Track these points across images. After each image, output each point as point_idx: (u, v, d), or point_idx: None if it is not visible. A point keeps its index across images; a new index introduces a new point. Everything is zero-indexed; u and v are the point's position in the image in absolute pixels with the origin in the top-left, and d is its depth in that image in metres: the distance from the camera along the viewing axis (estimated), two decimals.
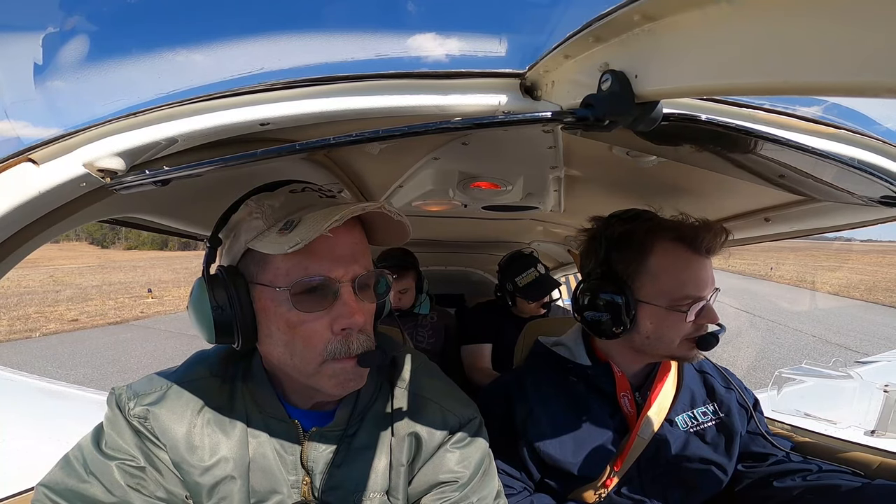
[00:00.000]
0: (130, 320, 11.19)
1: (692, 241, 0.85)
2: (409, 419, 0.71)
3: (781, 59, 0.31)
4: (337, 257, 0.61)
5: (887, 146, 0.68)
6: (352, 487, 0.68)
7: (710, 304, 0.87)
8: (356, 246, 0.64)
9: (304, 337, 0.61)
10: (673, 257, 0.86)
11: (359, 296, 0.63)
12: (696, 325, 0.86)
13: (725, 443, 0.94)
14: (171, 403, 0.67)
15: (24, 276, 20.03)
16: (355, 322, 0.61)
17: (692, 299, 0.85)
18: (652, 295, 0.87)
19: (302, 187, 0.66)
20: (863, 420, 1.32)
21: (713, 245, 0.86)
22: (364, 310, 0.64)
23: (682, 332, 0.87)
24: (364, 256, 0.65)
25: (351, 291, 0.62)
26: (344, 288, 0.61)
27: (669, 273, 0.86)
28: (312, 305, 0.60)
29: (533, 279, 2.03)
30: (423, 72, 0.56)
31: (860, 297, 15.79)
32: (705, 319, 0.86)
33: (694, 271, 0.86)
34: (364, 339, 0.63)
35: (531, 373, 1.03)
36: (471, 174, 1.22)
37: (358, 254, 0.63)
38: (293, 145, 0.50)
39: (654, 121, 0.48)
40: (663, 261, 0.87)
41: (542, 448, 0.91)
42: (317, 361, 0.61)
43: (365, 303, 0.64)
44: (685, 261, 0.86)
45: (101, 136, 0.54)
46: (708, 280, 0.87)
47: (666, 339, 0.88)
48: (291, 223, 0.59)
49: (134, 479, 0.63)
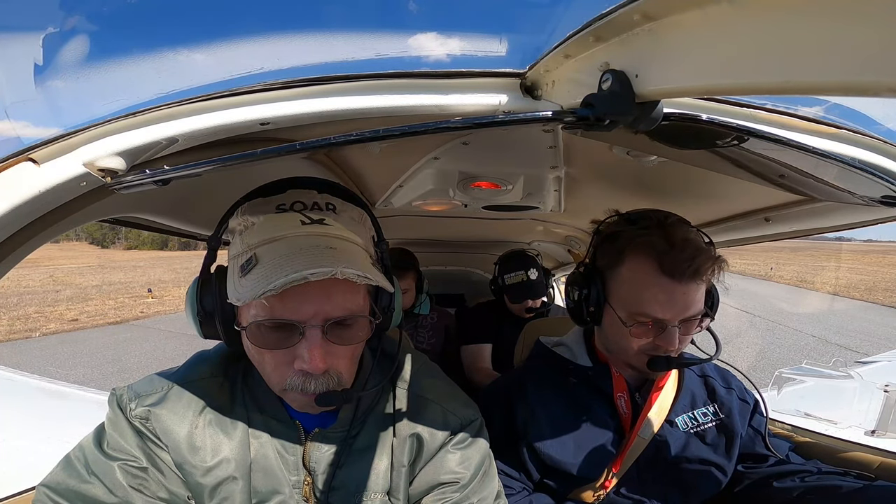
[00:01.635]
0: (130, 320, 11.18)
1: (662, 261, 0.81)
2: (410, 420, 0.71)
3: (782, 59, 0.31)
4: (306, 297, 0.56)
5: (888, 146, 0.68)
6: (353, 488, 0.68)
7: (671, 329, 0.82)
8: (334, 285, 0.56)
9: (269, 363, 0.60)
10: (641, 273, 0.84)
11: (331, 338, 0.58)
12: (653, 343, 0.85)
13: (725, 444, 0.94)
14: (173, 404, 0.67)
15: (24, 276, 20.03)
16: (315, 368, 0.57)
17: (649, 319, 0.83)
18: (615, 300, 0.88)
19: (292, 202, 0.62)
20: (863, 420, 1.32)
21: (685, 271, 0.80)
22: (334, 352, 0.60)
23: (635, 344, 0.86)
24: (346, 296, 0.59)
25: (318, 335, 0.57)
26: (311, 331, 0.57)
27: (632, 286, 0.85)
28: (275, 343, 0.58)
29: (519, 281, 2.02)
30: (423, 71, 0.56)
31: (860, 297, 15.79)
32: (662, 342, 0.84)
33: (658, 292, 0.82)
34: (326, 380, 0.59)
35: (532, 374, 1.03)
36: (471, 174, 1.22)
37: (336, 293, 0.58)
38: (293, 145, 0.50)
39: (654, 120, 0.48)
40: (630, 273, 0.86)
41: (543, 449, 0.91)
42: (279, 387, 0.62)
43: (337, 346, 0.60)
44: (652, 280, 0.82)
45: (101, 136, 0.54)
46: (675, 305, 0.81)
47: (620, 347, 0.89)
48: (250, 263, 0.56)
49: (136, 479, 0.63)
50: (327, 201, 0.64)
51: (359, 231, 0.64)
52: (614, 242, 0.89)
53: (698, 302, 0.83)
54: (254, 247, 0.58)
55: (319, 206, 0.63)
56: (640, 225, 0.89)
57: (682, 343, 0.86)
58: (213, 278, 0.62)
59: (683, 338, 0.85)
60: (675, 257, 0.80)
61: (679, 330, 0.83)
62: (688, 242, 0.82)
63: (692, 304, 0.82)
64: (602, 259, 0.92)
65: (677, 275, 0.80)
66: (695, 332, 0.87)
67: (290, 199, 0.62)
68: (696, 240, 0.83)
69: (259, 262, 0.56)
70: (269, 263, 0.55)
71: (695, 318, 0.84)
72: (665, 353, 0.85)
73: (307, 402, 0.61)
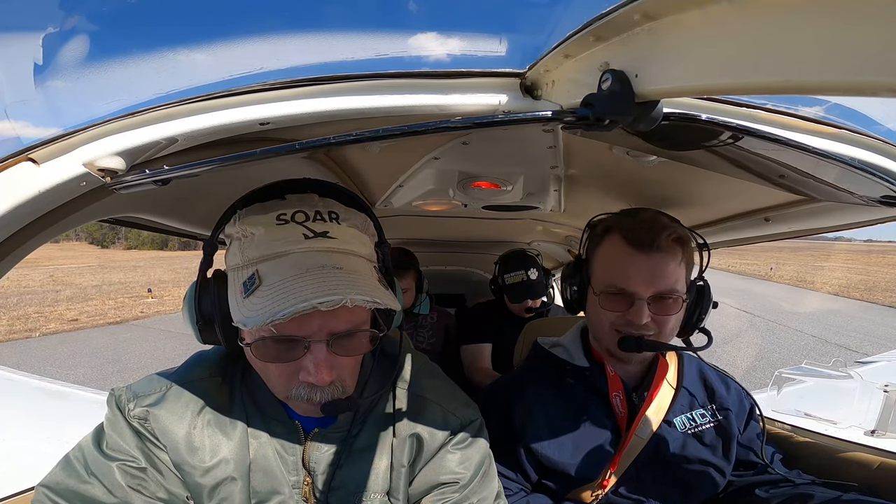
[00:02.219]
0: (130, 320, 11.18)
1: (627, 235, 0.88)
2: (410, 420, 0.71)
3: (782, 59, 0.31)
4: (312, 315, 0.55)
5: (888, 146, 0.68)
6: (353, 488, 0.68)
7: (640, 303, 0.85)
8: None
9: (274, 373, 0.60)
10: (612, 248, 0.91)
11: (335, 350, 0.59)
12: (624, 318, 0.87)
13: (723, 445, 0.94)
14: (171, 404, 0.67)
15: (24, 275, 20.03)
16: (320, 380, 0.58)
17: (616, 289, 0.87)
18: (594, 280, 0.94)
19: (292, 213, 0.59)
20: (863, 420, 1.31)
21: (648, 241, 0.85)
22: (338, 363, 0.60)
23: (605, 319, 0.90)
24: (349, 312, 0.58)
25: (323, 348, 0.57)
26: (316, 345, 0.57)
27: (605, 261, 0.93)
28: (279, 356, 0.58)
29: (519, 281, 2.02)
30: (423, 71, 0.56)
31: (860, 297, 15.79)
32: (631, 317, 0.86)
33: (625, 264, 0.87)
34: (331, 390, 0.60)
35: (530, 375, 1.03)
36: (471, 174, 1.22)
37: (341, 310, 0.56)
38: (293, 145, 0.50)
39: (654, 120, 0.48)
40: (605, 250, 0.93)
41: (540, 450, 0.91)
42: (283, 395, 0.62)
43: (339, 356, 0.60)
44: (620, 252, 0.88)
45: (101, 136, 0.54)
46: (640, 275, 0.85)
47: (596, 325, 0.94)
48: (253, 281, 0.55)
49: (135, 479, 0.63)
50: (329, 209, 0.62)
51: (363, 241, 0.64)
52: (595, 231, 0.97)
53: (668, 277, 0.86)
54: (255, 262, 0.57)
55: (322, 215, 0.61)
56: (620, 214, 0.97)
57: (660, 326, 0.87)
58: (212, 284, 0.61)
59: (658, 318, 0.86)
60: (640, 230, 0.87)
61: (649, 307, 0.85)
62: (656, 220, 0.89)
63: (660, 278, 0.85)
64: (588, 249, 0.99)
65: (641, 245, 0.86)
66: (671, 314, 0.87)
67: (291, 209, 0.60)
68: (665, 220, 0.90)
69: (263, 282, 0.55)
70: (275, 286, 0.54)
71: (667, 296, 0.86)
72: (637, 333, 0.86)
73: (312, 410, 0.61)
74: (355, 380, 0.66)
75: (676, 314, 0.88)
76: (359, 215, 0.66)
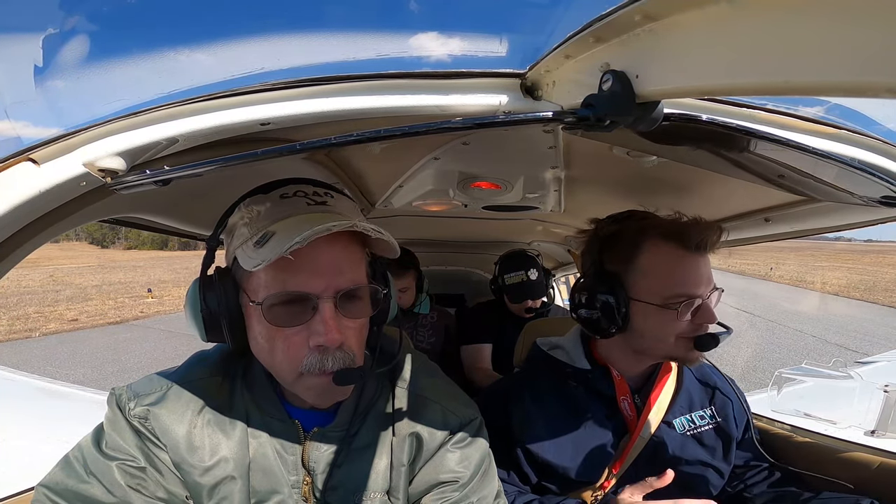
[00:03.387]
0: (130, 320, 11.18)
1: (680, 237, 0.84)
2: (410, 419, 0.71)
3: (782, 59, 0.31)
4: (317, 270, 0.58)
5: (888, 146, 0.68)
6: (352, 487, 0.68)
7: (706, 302, 0.84)
8: (343, 257, 0.60)
9: (282, 348, 0.60)
10: (662, 255, 0.86)
11: (341, 311, 0.60)
12: (692, 324, 0.85)
13: (722, 447, 0.94)
14: (172, 404, 0.67)
15: (24, 275, 20.02)
16: (331, 340, 0.58)
17: (684, 297, 0.84)
18: (644, 293, 0.87)
19: (294, 191, 0.64)
20: (863, 420, 1.31)
21: (703, 241, 0.84)
22: (346, 326, 0.61)
23: (677, 330, 0.85)
24: (353, 269, 0.61)
25: (331, 307, 0.59)
26: (324, 303, 0.58)
27: (659, 270, 0.86)
28: (289, 320, 0.59)
29: (519, 281, 2.02)
30: (424, 72, 0.56)
31: (860, 297, 15.80)
32: (702, 319, 0.84)
33: (684, 268, 0.84)
34: (342, 356, 0.60)
35: (529, 377, 1.03)
36: (471, 174, 1.22)
37: (344, 266, 0.60)
38: (294, 145, 0.50)
39: (654, 121, 0.48)
40: (652, 258, 0.86)
41: (539, 452, 0.91)
42: (294, 373, 0.61)
43: (348, 319, 0.61)
44: (675, 258, 0.84)
45: (101, 136, 0.54)
46: (702, 278, 0.84)
47: (661, 338, 0.87)
48: (266, 237, 0.57)
49: (134, 479, 0.63)
50: (326, 191, 0.66)
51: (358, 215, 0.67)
52: (620, 240, 0.90)
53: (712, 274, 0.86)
54: (266, 226, 0.60)
55: (319, 194, 0.65)
56: (637, 218, 0.91)
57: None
58: (215, 278, 0.62)
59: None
60: (686, 230, 0.84)
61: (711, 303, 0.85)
62: (695, 219, 0.87)
63: (711, 276, 0.86)
64: (612, 261, 0.91)
65: (698, 247, 0.84)
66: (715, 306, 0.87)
67: (291, 190, 0.64)
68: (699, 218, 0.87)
69: (276, 233, 0.57)
70: (287, 229, 0.57)
71: (715, 290, 0.86)
72: (705, 331, 0.85)
73: (324, 387, 0.61)
74: (362, 351, 0.66)
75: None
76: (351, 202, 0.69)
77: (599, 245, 0.94)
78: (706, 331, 0.85)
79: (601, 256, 0.93)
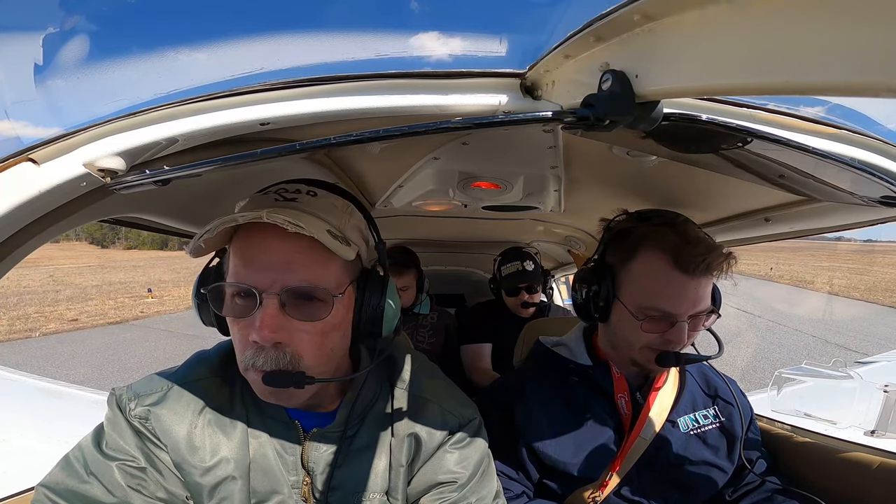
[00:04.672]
0: (130, 320, 11.19)
1: (675, 256, 0.82)
2: (408, 420, 0.71)
3: (782, 59, 0.31)
4: (265, 265, 0.57)
5: (888, 146, 0.67)
6: (351, 488, 0.68)
7: (680, 324, 0.83)
8: (296, 255, 0.58)
9: (236, 339, 0.61)
10: (652, 266, 0.85)
11: (288, 311, 0.58)
12: (662, 338, 0.85)
13: (727, 446, 0.94)
14: (172, 404, 0.67)
15: (24, 275, 20.03)
16: (264, 337, 0.56)
17: (657, 312, 0.83)
18: (626, 295, 0.88)
19: (276, 188, 0.64)
20: (863, 420, 1.31)
21: (698, 263, 0.81)
22: (295, 328, 0.58)
23: (643, 339, 0.86)
24: (309, 268, 0.58)
25: (274, 304, 0.57)
26: (267, 299, 0.57)
27: (644, 281, 0.86)
28: (238, 311, 0.59)
29: (514, 271, 2.02)
30: (424, 71, 0.56)
31: (860, 297, 15.79)
32: (672, 337, 0.84)
33: (670, 287, 0.83)
34: (277, 356, 0.58)
35: (531, 374, 1.03)
36: (471, 174, 1.22)
37: (297, 264, 0.58)
38: (293, 145, 0.50)
39: (654, 121, 0.48)
40: (642, 268, 0.86)
41: (542, 449, 0.91)
42: (241, 366, 0.62)
43: (298, 321, 0.59)
44: (663, 274, 0.83)
45: (101, 136, 0.54)
46: (685, 299, 0.82)
47: (628, 341, 0.89)
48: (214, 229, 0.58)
49: (134, 479, 0.63)
50: (310, 189, 0.65)
51: (336, 216, 0.64)
52: (626, 239, 0.90)
53: (706, 298, 0.84)
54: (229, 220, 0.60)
55: (300, 191, 0.64)
56: (653, 222, 0.90)
57: (689, 339, 0.86)
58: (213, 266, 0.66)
59: (691, 334, 0.85)
60: (689, 252, 0.81)
61: (687, 325, 0.84)
62: (701, 239, 0.84)
63: (701, 300, 0.83)
64: (612, 255, 0.92)
65: (690, 269, 0.81)
66: (700, 329, 0.87)
67: (275, 188, 0.65)
68: (707, 238, 0.86)
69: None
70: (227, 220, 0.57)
71: (702, 313, 0.85)
72: (673, 349, 0.85)
73: (258, 386, 0.60)
74: (321, 362, 0.62)
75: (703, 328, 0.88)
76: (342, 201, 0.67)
77: (608, 237, 0.95)
78: (674, 348, 0.85)
79: (606, 247, 0.95)
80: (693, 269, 0.81)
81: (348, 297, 0.64)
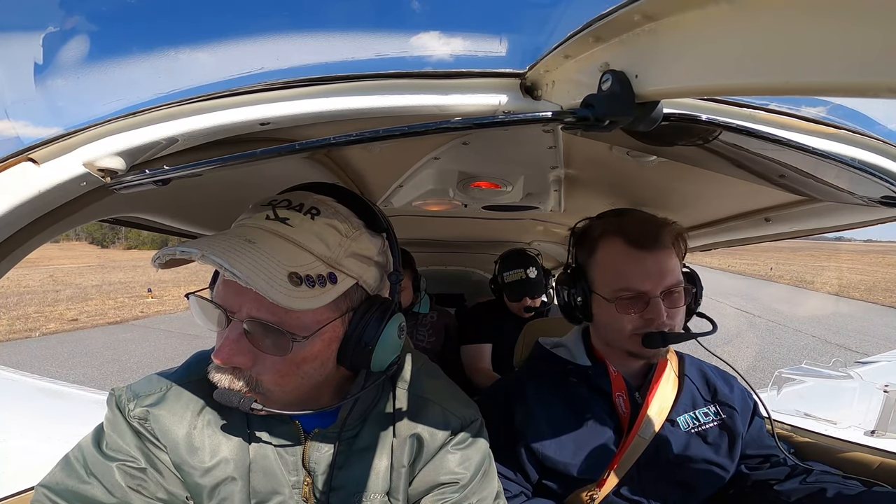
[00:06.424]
0: (130, 320, 11.18)
1: (627, 235, 0.88)
2: (410, 420, 0.71)
3: (782, 60, 0.31)
4: (237, 289, 0.56)
5: (888, 146, 0.68)
6: (353, 488, 0.68)
7: (655, 300, 0.86)
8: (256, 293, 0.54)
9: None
10: (612, 251, 0.90)
11: (251, 338, 0.57)
12: (642, 319, 0.87)
13: (727, 444, 0.94)
14: (172, 404, 0.67)
15: (24, 275, 20.03)
16: (220, 357, 0.56)
17: (627, 291, 0.87)
18: (599, 286, 0.93)
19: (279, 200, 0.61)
20: (863, 420, 1.32)
21: (648, 238, 0.86)
22: (250, 353, 0.57)
23: (627, 324, 0.88)
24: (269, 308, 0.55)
25: (238, 328, 0.56)
26: (234, 324, 0.57)
27: (608, 266, 0.91)
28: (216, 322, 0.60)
29: (518, 279, 2.03)
30: (423, 71, 0.56)
31: (860, 297, 15.79)
32: (650, 315, 0.86)
33: (630, 264, 0.87)
34: (230, 377, 0.58)
35: (531, 375, 1.03)
36: (471, 174, 1.22)
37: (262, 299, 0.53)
38: (293, 145, 0.50)
39: (654, 121, 0.48)
40: (604, 254, 0.92)
41: (542, 450, 0.91)
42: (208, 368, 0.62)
43: (257, 350, 0.57)
44: (622, 254, 0.88)
45: (101, 136, 0.54)
46: (647, 274, 0.86)
47: (617, 330, 0.91)
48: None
49: (134, 480, 0.63)
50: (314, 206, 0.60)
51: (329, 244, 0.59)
52: (587, 236, 0.96)
53: (672, 272, 0.88)
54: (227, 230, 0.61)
55: (301, 208, 0.60)
56: (608, 215, 0.97)
57: (672, 319, 0.88)
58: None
59: (671, 312, 0.87)
60: (639, 229, 0.88)
61: (664, 302, 0.86)
62: (649, 218, 0.92)
63: (667, 273, 0.87)
64: (580, 255, 0.98)
65: (643, 244, 0.87)
66: (680, 305, 0.89)
67: (281, 197, 0.62)
68: (657, 217, 0.92)
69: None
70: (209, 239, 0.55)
71: (675, 289, 0.88)
72: (657, 329, 0.86)
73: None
74: (286, 387, 0.60)
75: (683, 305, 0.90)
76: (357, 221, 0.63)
77: (574, 239, 1.01)
78: (657, 328, 0.86)
79: (575, 250, 1.01)
80: (644, 242, 0.87)
81: (333, 329, 0.60)
